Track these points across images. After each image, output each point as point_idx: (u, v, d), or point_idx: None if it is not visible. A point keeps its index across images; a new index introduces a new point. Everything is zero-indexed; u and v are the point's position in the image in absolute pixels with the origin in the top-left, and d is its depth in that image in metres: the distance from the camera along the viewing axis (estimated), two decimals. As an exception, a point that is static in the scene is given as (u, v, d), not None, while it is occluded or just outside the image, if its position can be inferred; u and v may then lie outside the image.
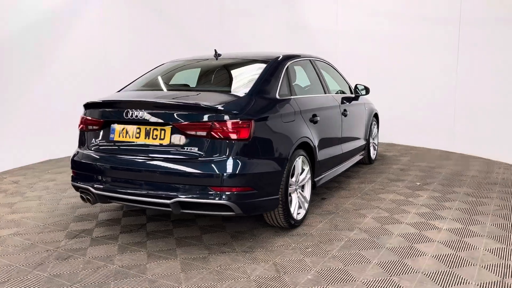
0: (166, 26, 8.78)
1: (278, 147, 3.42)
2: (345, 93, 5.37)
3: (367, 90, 5.46)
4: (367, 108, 5.93)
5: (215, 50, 4.29)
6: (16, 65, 6.47)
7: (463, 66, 6.81)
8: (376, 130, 6.46)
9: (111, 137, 3.45)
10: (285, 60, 4.04)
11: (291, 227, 3.69)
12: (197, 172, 3.10)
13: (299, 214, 3.77)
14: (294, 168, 3.64)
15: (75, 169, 3.63)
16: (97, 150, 3.53)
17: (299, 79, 4.37)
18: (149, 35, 8.46)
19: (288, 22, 8.91)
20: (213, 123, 3.10)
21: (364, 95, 5.47)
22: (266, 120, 3.35)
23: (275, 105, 3.56)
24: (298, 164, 3.72)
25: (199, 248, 3.38)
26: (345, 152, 4.96)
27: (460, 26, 6.71)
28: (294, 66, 4.24)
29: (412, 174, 5.63)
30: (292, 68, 4.13)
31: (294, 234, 3.64)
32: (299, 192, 3.80)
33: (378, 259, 3.13)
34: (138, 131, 3.33)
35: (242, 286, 2.77)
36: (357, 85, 5.51)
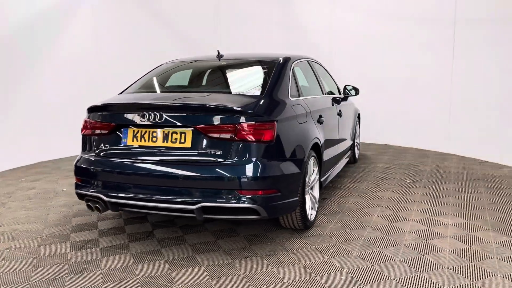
0: (160, 27, 8.62)
1: (297, 148, 3.40)
2: (334, 93, 5.44)
3: (356, 90, 5.55)
4: (353, 109, 6.04)
5: (218, 51, 4.20)
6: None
7: (458, 66, 6.84)
8: (359, 130, 6.60)
9: (124, 141, 3.27)
10: (290, 61, 4.02)
11: (306, 228, 3.68)
12: (222, 175, 3.01)
13: (311, 215, 3.77)
14: (307, 169, 3.64)
15: (80, 176, 3.41)
16: (107, 156, 3.34)
17: (300, 80, 4.36)
18: (142, 36, 8.30)
19: (282, 22, 8.89)
20: (238, 125, 3.02)
21: (353, 95, 5.57)
22: (286, 121, 3.32)
23: (290, 106, 3.53)
24: (311, 164, 3.72)
25: (219, 254, 3.28)
26: (340, 152, 5.03)
27: (455, 26, 6.77)
28: (297, 67, 4.24)
29: (398, 172, 5.80)
30: (296, 69, 4.12)
31: (309, 235, 3.63)
32: (310, 193, 3.80)
33: (401, 257, 3.18)
34: (154, 134, 3.18)
35: (280, 290, 2.73)
36: (346, 85, 5.59)
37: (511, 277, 2.85)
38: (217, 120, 3.06)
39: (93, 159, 3.38)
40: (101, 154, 3.37)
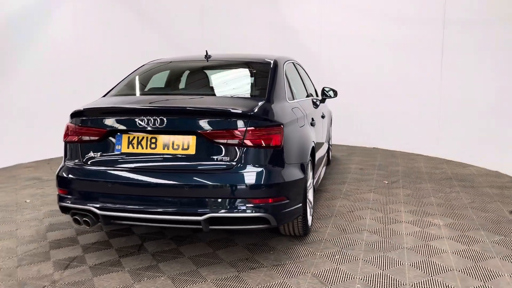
0: (145, 26, 8.24)
1: (300, 152, 3.30)
2: (313, 95, 5.40)
3: (335, 93, 5.54)
4: (329, 111, 6.04)
5: (206, 51, 3.99)
6: None
7: (447, 67, 6.86)
8: (331, 132, 6.62)
9: (117, 148, 2.99)
10: (282, 63, 3.90)
11: (305, 234, 3.57)
12: (229, 184, 2.83)
13: (309, 220, 3.68)
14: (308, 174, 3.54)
15: (65, 188, 3.08)
16: (97, 164, 3.03)
17: (291, 82, 4.26)
18: (126, 36, 7.90)
19: (271, 22, 8.72)
20: (246, 130, 2.85)
21: (332, 97, 5.55)
22: (290, 125, 3.20)
23: (290, 109, 3.42)
24: (309, 169, 3.62)
25: (223, 266, 3.10)
26: (323, 155, 4.99)
27: (444, 28, 6.76)
28: (287, 69, 4.12)
29: (374, 173, 5.87)
30: (287, 71, 4.02)
31: (309, 241, 3.53)
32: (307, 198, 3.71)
33: (408, 260, 3.16)
34: (153, 141, 2.93)
35: (299, 303, 2.60)
36: (324, 87, 5.56)
37: (519, 276, 2.92)
38: (223, 125, 2.87)
39: (80, 168, 3.07)
40: (89, 163, 3.07)
